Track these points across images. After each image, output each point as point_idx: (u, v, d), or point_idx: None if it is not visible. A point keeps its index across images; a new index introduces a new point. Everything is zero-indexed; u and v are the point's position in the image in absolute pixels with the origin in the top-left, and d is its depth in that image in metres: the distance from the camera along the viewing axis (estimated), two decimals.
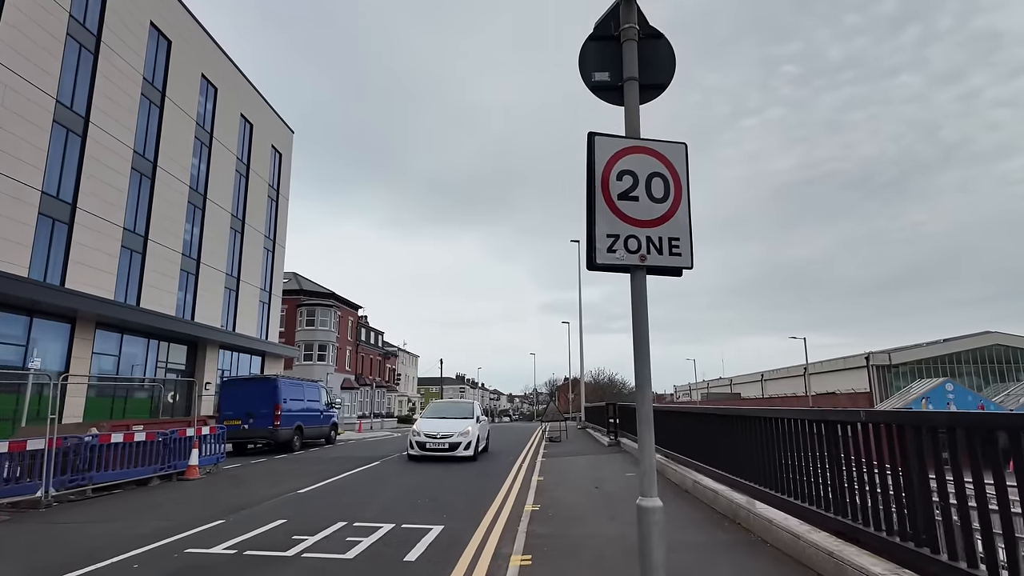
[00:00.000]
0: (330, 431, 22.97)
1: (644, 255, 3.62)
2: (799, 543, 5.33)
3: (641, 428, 3.53)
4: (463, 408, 17.57)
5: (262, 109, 34.47)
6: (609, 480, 11.15)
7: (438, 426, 15.76)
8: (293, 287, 52.62)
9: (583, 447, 18.97)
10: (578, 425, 34.54)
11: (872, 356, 51.97)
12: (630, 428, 17.61)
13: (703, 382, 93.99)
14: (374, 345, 65.73)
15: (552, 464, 14.09)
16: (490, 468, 14.12)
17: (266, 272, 34.66)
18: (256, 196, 33.31)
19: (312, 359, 49.93)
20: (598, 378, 74.29)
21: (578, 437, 24.61)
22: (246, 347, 31.33)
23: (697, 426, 9.83)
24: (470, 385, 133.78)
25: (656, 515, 3.34)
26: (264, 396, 18.90)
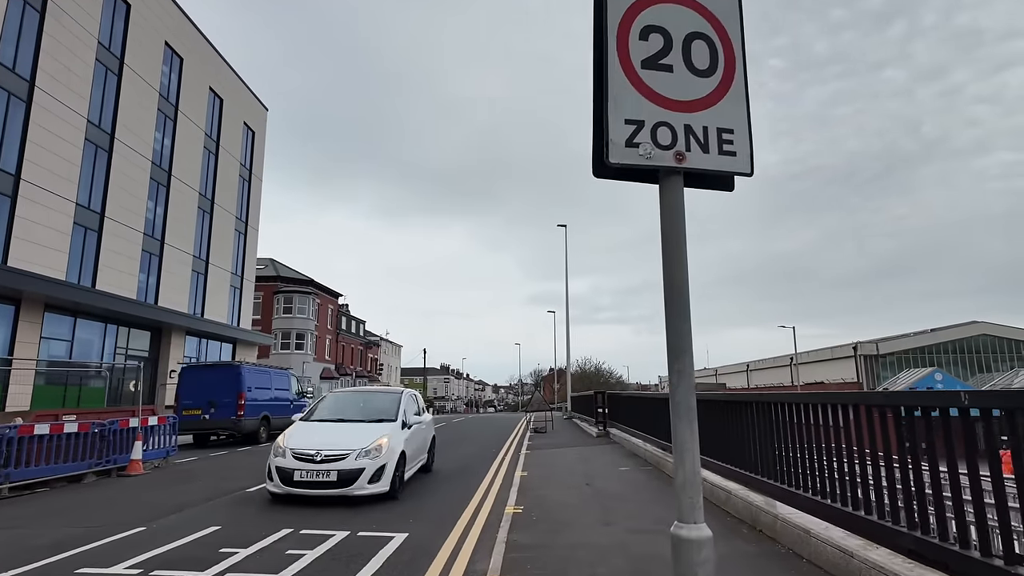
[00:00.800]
0: None
1: (682, 152, 2.38)
2: (852, 563, 4.17)
3: (677, 421, 2.29)
4: (381, 403, 10.09)
5: (233, 84, 32.69)
6: (601, 475, 9.98)
7: (324, 437, 8.53)
8: (270, 273, 50.88)
9: (570, 438, 17.83)
10: (564, 415, 33.46)
11: (860, 346, 51.55)
12: (620, 418, 16.51)
13: None
14: (355, 334, 64.17)
15: (537, 457, 12.90)
16: (468, 462, 12.91)
17: (238, 255, 33.03)
18: (227, 175, 31.61)
19: (289, 347, 48.33)
20: (584, 367, 73.10)
21: (565, 428, 23.49)
22: (216, 333, 29.77)
23: (701, 414, 8.67)
24: (454, 376, 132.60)
25: (703, 551, 2.13)
26: (226, 384, 17.49)
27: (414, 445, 9.61)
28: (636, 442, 13.17)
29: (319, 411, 9.98)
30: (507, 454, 14.29)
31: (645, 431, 12.46)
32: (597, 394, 18.05)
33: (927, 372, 42.67)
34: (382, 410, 9.66)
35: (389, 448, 8.37)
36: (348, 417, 9.48)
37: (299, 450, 8.12)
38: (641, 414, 13.17)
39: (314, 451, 8.06)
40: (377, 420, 9.21)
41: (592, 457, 12.62)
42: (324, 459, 7.97)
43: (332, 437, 8.46)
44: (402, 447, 8.78)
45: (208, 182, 29.88)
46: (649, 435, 11.94)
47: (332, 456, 8.01)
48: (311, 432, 8.82)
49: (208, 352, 29.42)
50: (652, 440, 11.58)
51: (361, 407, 10.01)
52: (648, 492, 8.23)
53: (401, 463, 8.66)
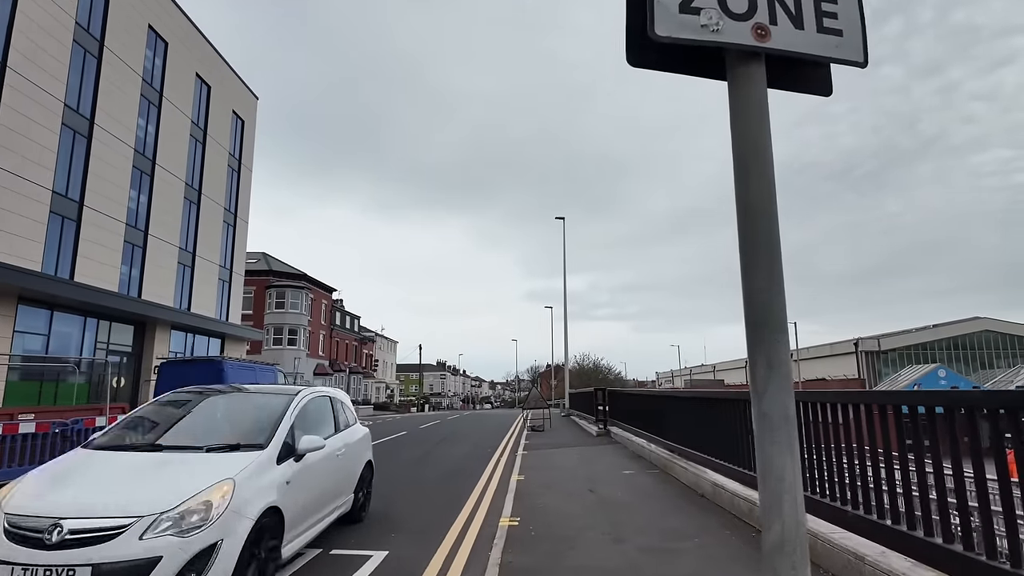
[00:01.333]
0: None
1: (764, 26, 1.54)
2: None
3: (768, 440, 1.44)
4: (248, 413, 5.82)
5: (221, 71, 31.69)
6: (605, 480, 9.16)
7: (90, 488, 4.24)
8: (262, 267, 49.93)
9: (569, 437, 17.02)
10: (562, 412, 32.67)
11: (861, 342, 50.86)
12: (621, 416, 15.72)
13: (685, 369, 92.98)
14: (350, 329, 63.28)
15: (535, 459, 12.08)
16: (462, 464, 12.08)
17: (226, 248, 32.08)
18: (215, 165, 30.65)
19: (282, 343, 47.44)
20: (583, 363, 72.05)
21: (563, 426, 22.69)
22: (203, 328, 28.86)
23: (715, 415, 7.85)
24: (451, 372, 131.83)
25: None
26: (207, 380, 16.56)
27: (311, 491, 5.41)
28: (639, 442, 12.37)
29: (127, 428, 5.47)
30: (503, 454, 13.48)
31: (650, 431, 11.65)
32: (597, 391, 17.26)
33: (930, 368, 41.97)
34: (245, 429, 5.37)
35: (231, 508, 4.13)
36: (174, 442, 5.10)
37: (20, 516, 3.89)
38: (645, 413, 12.36)
39: (49, 521, 3.79)
40: (228, 448, 4.90)
41: (594, 458, 11.81)
42: (66, 540, 3.70)
43: (108, 487, 4.24)
44: (271, 501, 4.56)
45: (195, 171, 28.92)
46: (655, 435, 11.13)
47: (86, 533, 3.75)
48: (73, 475, 4.48)
49: (195, 347, 28.52)
50: (658, 441, 10.77)
51: (209, 422, 5.71)
52: (658, 501, 7.41)
53: (268, 534, 4.55)
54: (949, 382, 41.51)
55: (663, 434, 10.49)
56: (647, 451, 11.36)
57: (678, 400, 9.72)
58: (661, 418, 10.82)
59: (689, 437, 8.95)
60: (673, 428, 9.87)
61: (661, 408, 10.91)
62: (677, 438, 9.58)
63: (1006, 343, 50.30)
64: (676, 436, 9.67)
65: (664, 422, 10.52)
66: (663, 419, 10.64)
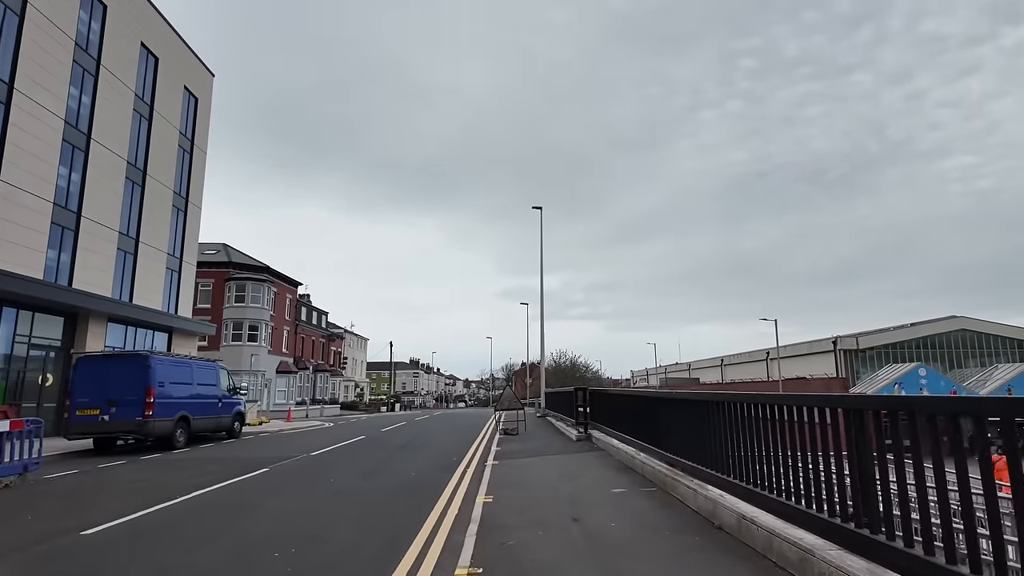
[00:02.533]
0: (232, 422, 18.62)
1: None
2: None
3: None
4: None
5: (172, 43, 29.15)
6: (591, 502, 7.40)
7: None
8: (222, 259, 47.26)
9: (546, 443, 15.27)
10: (537, 413, 30.95)
11: (839, 340, 50.20)
12: (604, 419, 14.01)
13: (661, 367, 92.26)
14: (316, 326, 60.69)
15: (507, 471, 10.28)
16: (420, 478, 10.21)
17: (176, 235, 29.57)
18: (163, 144, 28.13)
19: (241, 339, 44.83)
20: (559, 361, 70.12)
21: (538, 428, 20.94)
22: (147, 321, 26.39)
23: (739, 423, 6.15)
24: (424, 370, 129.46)
25: None
26: (131, 378, 14.48)
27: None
28: (627, 450, 10.66)
29: None
30: (470, 465, 11.65)
31: (640, 438, 9.93)
32: (578, 391, 15.52)
33: (910, 368, 41.40)
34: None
35: None
36: None
37: None
38: (634, 417, 10.63)
39: None
40: None
41: (576, 471, 10.05)
42: None
43: None
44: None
45: (139, 150, 26.40)
46: (647, 444, 9.41)
47: None
48: None
49: (137, 342, 26.03)
50: (652, 451, 9.05)
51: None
52: (666, 539, 5.65)
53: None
54: (930, 381, 40.96)
55: (660, 443, 8.76)
56: (638, 462, 9.64)
57: (681, 403, 7.99)
58: (656, 423, 9.10)
59: (697, 449, 7.23)
60: (674, 436, 8.15)
61: (655, 412, 9.18)
62: (679, 449, 7.86)
63: (982, 342, 50.16)
64: (678, 446, 7.95)
65: (661, 428, 8.80)
66: (659, 425, 8.92)
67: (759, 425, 5.53)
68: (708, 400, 6.94)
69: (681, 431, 7.88)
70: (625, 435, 11.42)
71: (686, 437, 7.69)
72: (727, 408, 6.45)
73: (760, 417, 5.53)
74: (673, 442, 8.15)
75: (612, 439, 12.83)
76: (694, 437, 7.37)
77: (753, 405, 5.72)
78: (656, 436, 9.01)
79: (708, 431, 6.88)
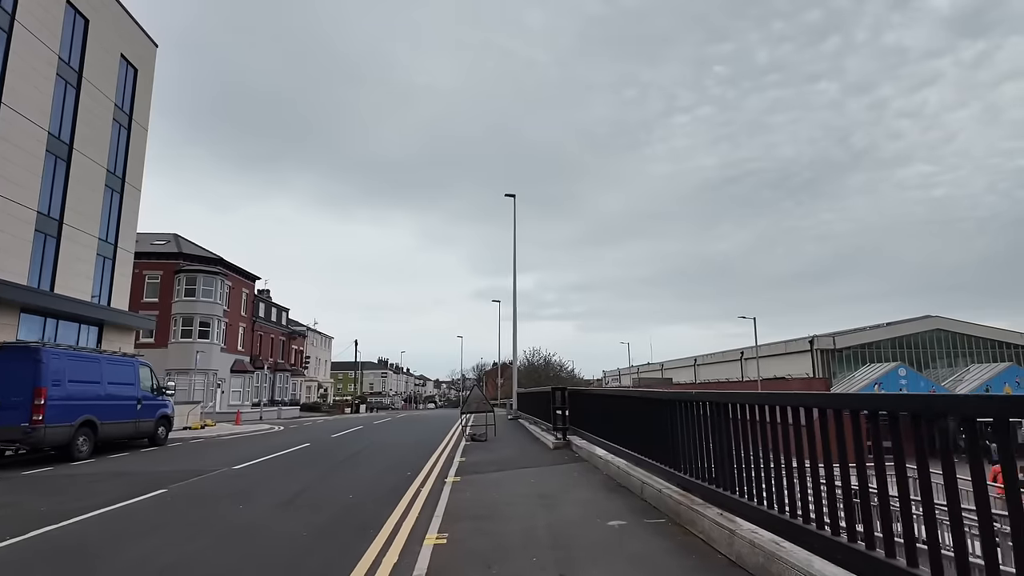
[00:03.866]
0: (156, 427, 16.07)
1: None
2: None
3: None
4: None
5: (106, 4, 26.24)
6: (584, 544, 5.33)
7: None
8: (171, 249, 44.09)
9: (519, 451, 13.18)
10: (509, 415, 28.84)
11: (816, 340, 49.29)
12: (587, 424, 11.99)
13: (633, 367, 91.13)
14: (276, 323, 57.55)
15: (470, 493, 8.15)
16: (360, 500, 8.02)
17: (110, 218, 26.65)
18: (93, 116, 25.22)
19: (191, 335, 41.75)
20: (532, 360, 66.96)
21: (510, 432, 18.84)
22: (71, 313, 23.48)
23: (778, 434, 4.15)
24: (393, 370, 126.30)
25: None
26: (17, 376, 11.95)
27: None
28: (617, 463, 8.67)
29: None
30: (426, 482, 9.48)
31: (640, 451, 7.91)
32: (556, 391, 13.45)
33: (889, 368, 40.53)
34: None
35: None
36: None
37: None
38: (630, 424, 8.59)
39: None
40: None
41: (557, 492, 7.97)
42: None
43: None
44: None
45: (64, 120, 23.50)
46: (651, 460, 7.39)
47: None
48: None
49: (59, 335, 23.11)
50: (659, 470, 7.03)
51: None
52: None
53: None
54: (910, 381, 40.14)
55: (668, 459, 6.75)
56: (635, 481, 7.62)
57: (696, 407, 5.96)
58: (660, 433, 7.09)
59: (725, 470, 5.22)
60: (688, 451, 6.13)
61: (660, 418, 7.17)
62: (700, 469, 5.84)
63: (957, 342, 49.80)
64: (696, 465, 5.93)
65: (668, 440, 6.79)
66: (665, 435, 6.91)
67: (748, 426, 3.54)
68: (751, 401, 4.92)
69: (699, 445, 5.87)
70: (614, 444, 9.40)
71: (708, 453, 5.68)
72: (763, 414, 4.47)
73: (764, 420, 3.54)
74: (688, 459, 6.13)
75: (596, 448, 10.81)
76: (722, 454, 5.36)
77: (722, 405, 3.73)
78: (662, 449, 6.99)
79: (745, 447, 4.88)
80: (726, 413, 5.32)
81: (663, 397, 7.09)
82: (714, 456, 5.61)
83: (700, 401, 5.95)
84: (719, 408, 5.45)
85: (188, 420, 25.61)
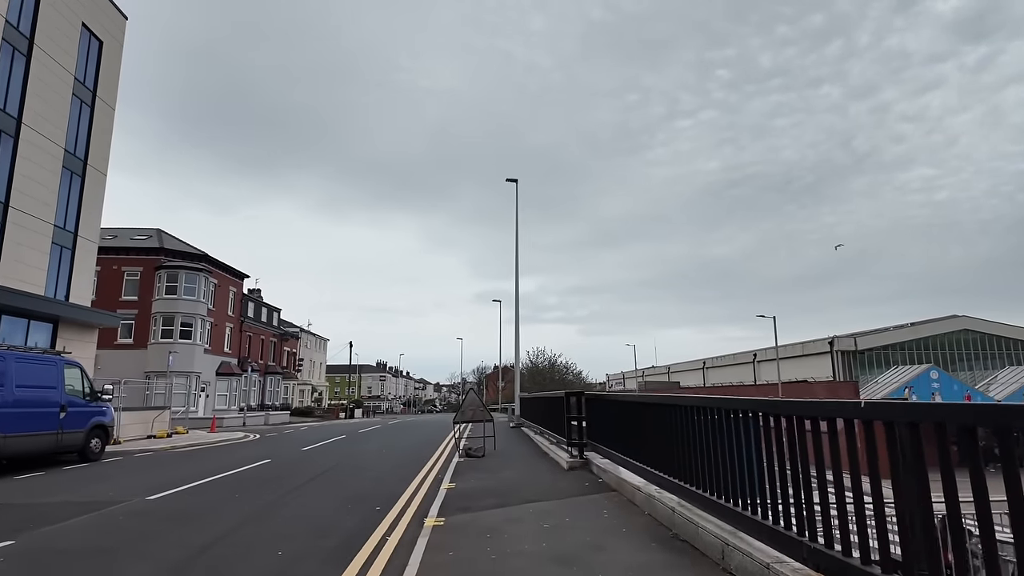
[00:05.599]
0: (86, 439, 13.35)
1: None
2: None
3: None
4: None
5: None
6: None
7: None
8: (153, 244, 41.48)
9: (524, 473, 10.46)
10: (511, 422, 26.09)
11: (836, 340, 46.46)
12: (611, 438, 9.30)
13: (637, 370, 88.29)
14: (266, 323, 54.85)
15: (453, 554, 5.43)
16: (297, 562, 5.32)
17: (68, 203, 24.02)
18: (47, 89, 22.62)
19: (172, 335, 39.04)
20: (536, 360, 62.14)
21: (512, 445, 16.12)
22: (17, 307, 20.84)
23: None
24: (392, 373, 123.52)
25: None
26: None
27: None
28: (665, 500, 6.01)
29: None
30: (396, 525, 6.78)
31: (716, 491, 5.19)
32: (571, 397, 10.71)
33: (920, 370, 37.65)
34: None
35: None
36: None
37: None
38: (691, 445, 5.84)
39: None
40: None
41: (586, 552, 5.25)
42: None
43: None
44: None
45: (10, 91, 20.91)
46: (745, 512, 4.67)
47: None
48: None
49: (4, 334, 20.46)
50: (765, 529, 4.32)
51: None
52: None
53: None
54: (942, 385, 37.29)
55: (780, 512, 4.03)
56: (707, 535, 4.90)
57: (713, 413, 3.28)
58: (747, 465, 4.40)
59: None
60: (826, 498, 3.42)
61: (747, 441, 4.47)
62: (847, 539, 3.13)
63: (986, 343, 46.93)
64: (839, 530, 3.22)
65: (776, 478, 4.09)
66: (761, 470, 4.21)
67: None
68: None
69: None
70: (658, 472, 6.69)
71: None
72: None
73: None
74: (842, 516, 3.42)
75: (623, 470, 8.14)
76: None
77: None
78: (766, 494, 4.28)
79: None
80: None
81: (739, 406, 4.40)
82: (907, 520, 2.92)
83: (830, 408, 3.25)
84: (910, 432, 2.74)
85: (154, 428, 22.92)
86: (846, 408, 3.52)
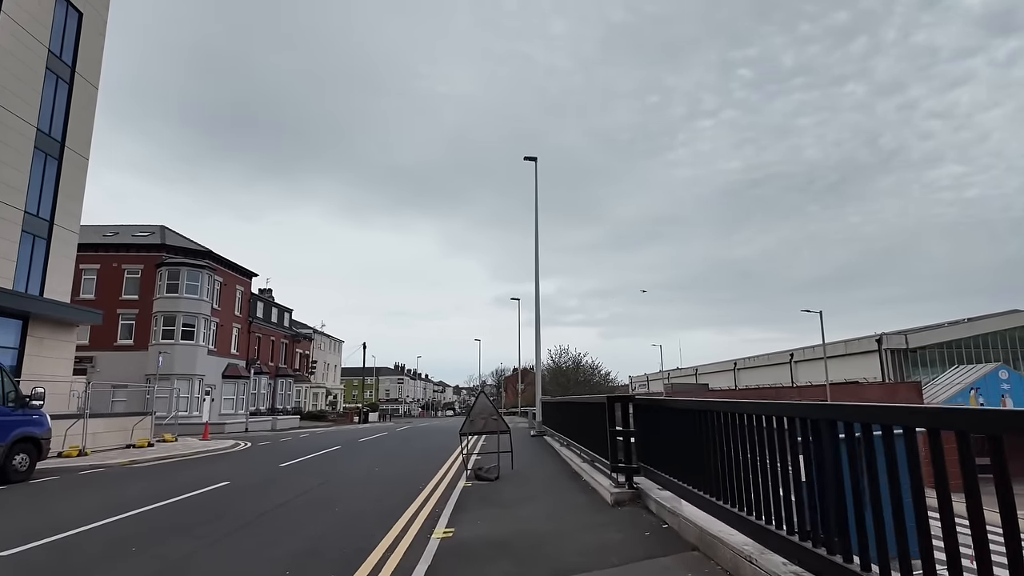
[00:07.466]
0: (6, 456, 10.82)
1: None
2: None
3: None
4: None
5: None
6: None
7: None
8: (154, 241, 39.52)
9: (552, 506, 7.64)
10: (532, 431, 23.22)
11: (885, 338, 42.74)
12: (670, 461, 6.42)
13: (662, 372, 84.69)
14: (277, 324, 52.69)
15: None
16: None
17: (42, 188, 21.79)
18: (17, 62, 20.42)
19: (173, 336, 36.90)
20: (559, 360, 56.84)
21: (534, 460, 13.28)
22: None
23: None
24: (410, 376, 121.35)
25: None
26: None
27: None
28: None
29: None
30: None
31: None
32: (616, 403, 7.82)
33: (988, 369, 33.87)
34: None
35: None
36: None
37: None
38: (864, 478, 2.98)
39: None
40: None
41: None
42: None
43: None
44: None
45: None
46: None
47: None
48: None
49: None
50: None
51: None
52: None
53: None
54: (1013, 385, 33.55)
55: None
56: None
57: None
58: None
59: None
60: None
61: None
62: None
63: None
64: None
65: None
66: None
67: None
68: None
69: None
70: (783, 535, 3.82)
71: None
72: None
73: None
74: None
75: (702, 514, 5.24)
76: None
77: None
78: None
79: None
80: None
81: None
82: None
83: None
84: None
85: (133, 436, 20.53)
86: None
